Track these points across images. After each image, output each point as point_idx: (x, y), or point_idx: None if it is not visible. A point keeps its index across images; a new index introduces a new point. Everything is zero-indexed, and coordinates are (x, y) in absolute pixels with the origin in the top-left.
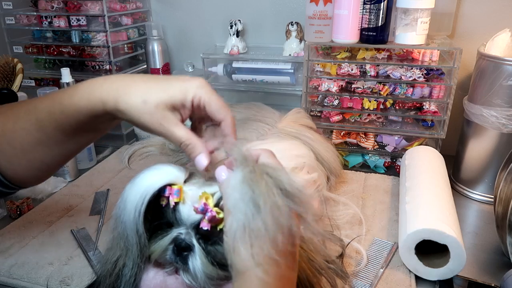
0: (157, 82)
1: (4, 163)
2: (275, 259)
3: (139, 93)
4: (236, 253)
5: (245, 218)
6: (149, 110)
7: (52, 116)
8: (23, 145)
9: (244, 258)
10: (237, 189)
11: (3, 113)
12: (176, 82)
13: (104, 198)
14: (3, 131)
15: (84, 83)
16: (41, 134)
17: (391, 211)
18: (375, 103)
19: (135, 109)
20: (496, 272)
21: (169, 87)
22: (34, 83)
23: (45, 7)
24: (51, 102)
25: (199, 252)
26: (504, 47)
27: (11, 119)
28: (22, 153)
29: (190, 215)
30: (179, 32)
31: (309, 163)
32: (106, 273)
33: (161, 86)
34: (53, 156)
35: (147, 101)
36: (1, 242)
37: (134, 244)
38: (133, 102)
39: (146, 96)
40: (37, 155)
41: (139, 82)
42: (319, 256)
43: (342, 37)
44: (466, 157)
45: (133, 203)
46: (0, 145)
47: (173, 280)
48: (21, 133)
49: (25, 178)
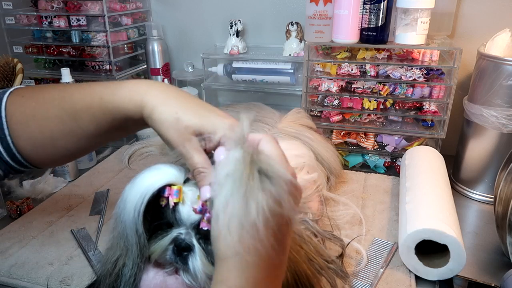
0: (197, 106)
1: (29, 147)
2: (256, 247)
3: (175, 109)
4: (218, 238)
5: (225, 199)
6: (178, 128)
7: (90, 109)
8: (54, 132)
9: (224, 243)
10: (224, 168)
11: (32, 97)
12: (213, 115)
13: (104, 198)
14: (33, 116)
15: (127, 83)
16: (75, 125)
17: (391, 211)
18: (375, 103)
19: (166, 123)
20: (496, 272)
21: (204, 116)
22: (34, 83)
23: (45, 7)
24: (90, 94)
25: (199, 252)
26: (504, 47)
27: (43, 104)
28: (51, 140)
29: (190, 215)
30: (179, 32)
31: (309, 163)
32: (106, 273)
33: (198, 112)
34: (81, 146)
35: (179, 119)
36: (1, 242)
37: (134, 244)
38: (167, 116)
39: (180, 115)
40: (66, 143)
41: (180, 100)
42: (319, 256)
43: (342, 37)
44: (466, 157)
45: (133, 203)
46: (29, 129)
47: (173, 280)
48: (55, 120)
49: (46, 161)
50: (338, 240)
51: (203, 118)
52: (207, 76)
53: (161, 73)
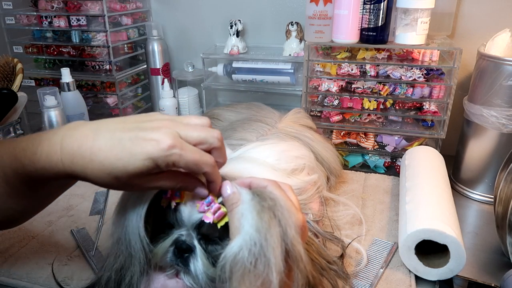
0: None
1: None
2: None
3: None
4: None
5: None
6: (125, 183)
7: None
8: None
9: None
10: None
11: None
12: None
13: (104, 198)
14: None
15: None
16: (8, 187)
17: (391, 211)
18: (375, 103)
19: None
20: (496, 272)
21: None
22: (34, 83)
23: (45, 7)
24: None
25: (200, 253)
26: (504, 47)
27: None
28: None
29: (191, 216)
30: (179, 32)
31: (309, 165)
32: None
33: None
34: (24, 206)
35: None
36: (1, 242)
37: (139, 250)
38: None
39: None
40: (8, 205)
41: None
42: (320, 256)
43: (342, 37)
44: (466, 157)
45: (134, 206)
46: None
47: (174, 283)
48: None
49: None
50: (338, 241)
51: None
52: (207, 76)
53: (161, 73)
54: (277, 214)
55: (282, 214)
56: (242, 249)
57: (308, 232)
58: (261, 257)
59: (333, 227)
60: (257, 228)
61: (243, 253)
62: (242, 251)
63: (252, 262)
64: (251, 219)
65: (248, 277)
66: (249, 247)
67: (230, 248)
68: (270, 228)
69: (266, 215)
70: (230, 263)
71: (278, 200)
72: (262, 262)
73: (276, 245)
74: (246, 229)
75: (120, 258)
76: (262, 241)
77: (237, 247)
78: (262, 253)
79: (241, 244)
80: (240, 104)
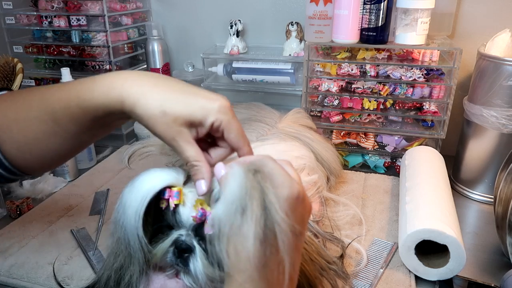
0: (181, 93)
1: (14, 151)
2: (257, 268)
3: (159, 102)
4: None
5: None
6: (166, 122)
7: (68, 109)
8: (37, 134)
9: (230, 262)
10: (237, 180)
11: (15, 101)
12: (200, 99)
13: (104, 198)
14: (16, 120)
15: (103, 78)
16: (55, 125)
17: (391, 211)
18: (375, 103)
19: (153, 118)
20: (496, 272)
21: (191, 103)
22: (34, 83)
23: (45, 7)
24: (67, 94)
25: (199, 254)
26: (504, 47)
27: (24, 107)
28: (35, 142)
29: (190, 216)
30: (179, 32)
31: (309, 165)
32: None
33: (184, 100)
34: (67, 146)
35: (166, 112)
36: (1, 242)
37: (138, 250)
38: (152, 111)
39: (166, 107)
40: (51, 145)
41: (161, 88)
42: (320, 257)
43: (342, 37)
44: (466, 157)
45: (133, 206)
46: (12, 133)
47: (174, 283)
48: (35, 122)
49: (35, 166)
50: (338, 241)
51: (190, 105)
52: (207, 76)
53: (161, 73)
54: (259, 179)
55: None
56: (224, 210)
57: (308, 232)
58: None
59: (333, 227)
60: (240, 190)
61: (226, 213)
62: (224, 211)
63: (233, 224)
64: (233, 181)
65: (233, 240)
66: (229, 208)
67: (215, 210)
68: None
69: (249, 180)
70: (218, 224)
71: (266, 167)
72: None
73: (255, 210)
74: (229, 189)
75: (119, 257)
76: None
77: (220, 209)
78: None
79: (223, 205)
80: (240, 104)
